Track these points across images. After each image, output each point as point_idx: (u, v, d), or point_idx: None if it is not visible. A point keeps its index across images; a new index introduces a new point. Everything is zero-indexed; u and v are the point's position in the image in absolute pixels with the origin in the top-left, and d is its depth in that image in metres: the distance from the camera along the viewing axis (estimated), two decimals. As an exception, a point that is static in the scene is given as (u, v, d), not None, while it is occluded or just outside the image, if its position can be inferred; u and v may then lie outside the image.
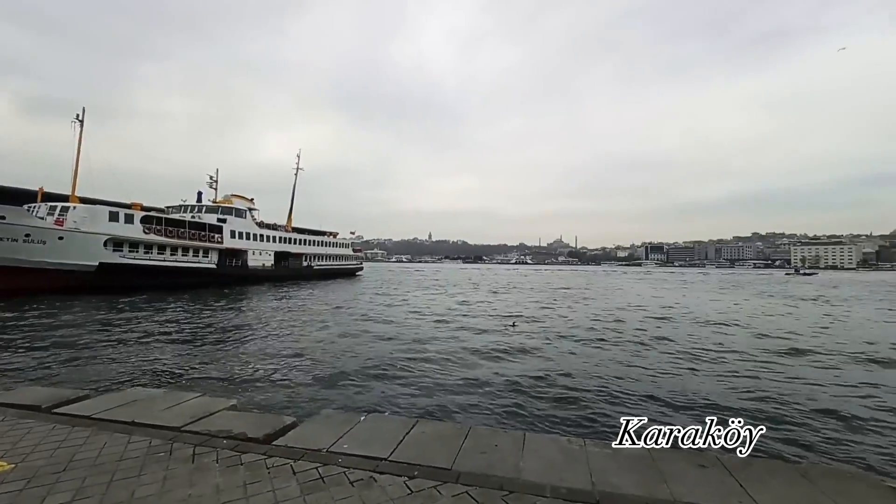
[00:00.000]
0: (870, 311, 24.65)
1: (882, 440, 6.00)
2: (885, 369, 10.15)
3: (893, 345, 13.32)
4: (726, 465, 3.40)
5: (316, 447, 3.61)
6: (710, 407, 7.14)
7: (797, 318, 20.76)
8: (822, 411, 7.09)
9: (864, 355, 11.68)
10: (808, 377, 9.25)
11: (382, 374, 8.93)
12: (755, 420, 6.60)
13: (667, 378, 8.99)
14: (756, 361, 10.71)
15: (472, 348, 11.86)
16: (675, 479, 3.17)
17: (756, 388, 8.30)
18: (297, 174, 55.50)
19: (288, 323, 16.11)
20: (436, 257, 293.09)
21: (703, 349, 12.21)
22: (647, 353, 11.59)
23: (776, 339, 14.06)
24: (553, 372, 9.28)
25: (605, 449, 3.71)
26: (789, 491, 3.05)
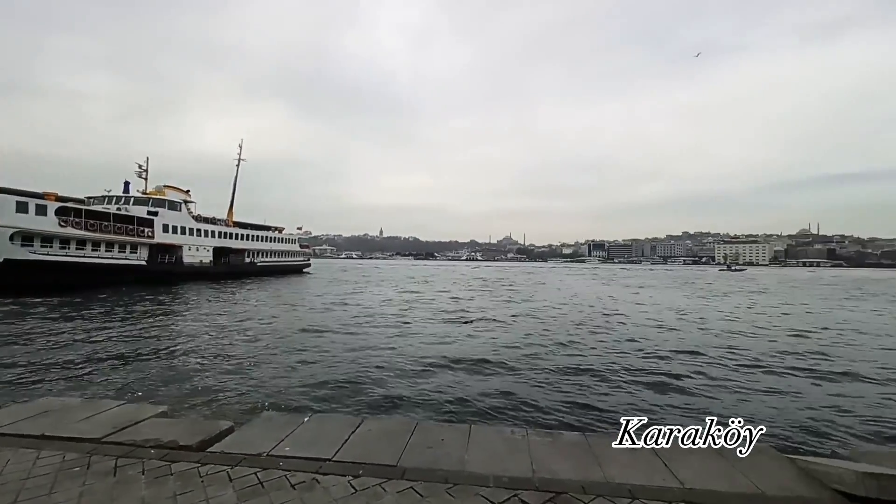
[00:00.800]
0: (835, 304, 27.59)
1: (786, 417, 6.74)
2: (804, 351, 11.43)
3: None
4: (653, 447, 3.67)
5: (255, 451, 3.46)
6: (637, 385, 7.68)
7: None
8: (741, 394, 7.85)
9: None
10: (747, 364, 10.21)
11: (329, 372, 8.71)
12: (669, 400, 7.19)
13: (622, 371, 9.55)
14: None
15: (424, 344, 11.89)
16: (608, 463, 3.38)
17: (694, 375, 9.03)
18: (240, 165, 52.63)
19: (225, 323, 15.24)
20: (387, 254, 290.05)
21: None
22: (620, 356, 12.21)
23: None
24: (507, 366, 9.54)
25: (546, 438, 3.87)
26: (707, 467, 3.35)
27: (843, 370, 9.60)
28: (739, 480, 3.13)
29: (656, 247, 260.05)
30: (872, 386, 8.50)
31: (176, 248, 37.34)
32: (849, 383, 8.66)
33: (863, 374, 9.28)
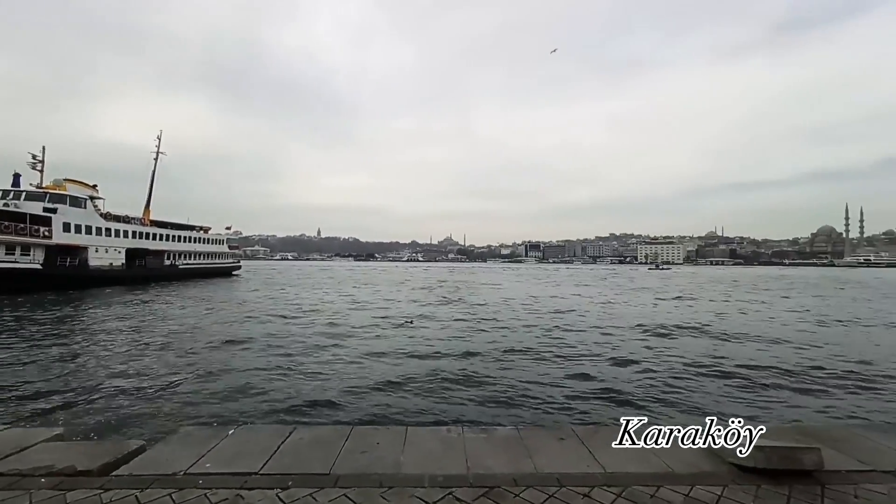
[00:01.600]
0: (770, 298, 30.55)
1: (692, 398, 7.47)
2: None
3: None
4: (580, 436, 3.89)
5: (169, 471, 3.17)
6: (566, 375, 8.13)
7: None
8: (664, 381, 8.57)
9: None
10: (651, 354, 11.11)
11: (257, 382, 8.22)
12: (601, 388, 7.70)
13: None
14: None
15: (361, 348, 11.63)
16: (539, 454, 3.52)
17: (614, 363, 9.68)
18: (158, 159, 47.99)
19: (137, 334, 13.85)
20: (325, 255, 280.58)
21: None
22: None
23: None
24: (448, 365, 9.60)
25: (480, 434, 3.95)
26: (626, 451, 3.60)
27: (744, 360, 10.85)
28: (653, 461, 3.41)
29: (586, 247, 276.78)
30: (767, 370, 9.69)
31: (80, 249, 33.21)
32: (747, 370, 9.80)
33: (760, 363, 10.55)
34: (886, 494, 2.89)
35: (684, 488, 3.00)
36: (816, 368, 9.61)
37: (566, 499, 2.88)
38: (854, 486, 2.96)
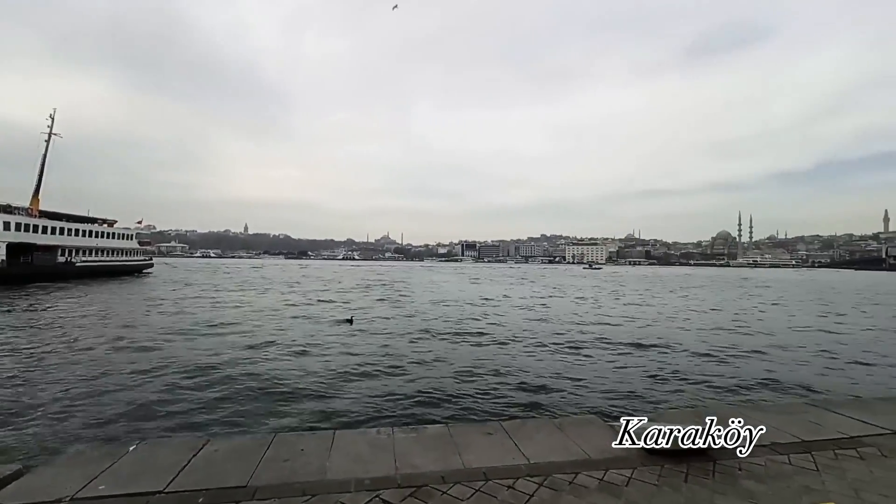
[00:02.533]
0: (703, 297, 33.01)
1: (604, 390, 8.06)
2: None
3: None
4: (506, 430, 4.02)
5: (52, 497, 2.77)
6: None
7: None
8: (577, 374, 9.12)
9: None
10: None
11: (167, 391, 7.49)
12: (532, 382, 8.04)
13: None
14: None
15: (289, 350, 11.08)
16: (467, 450, 3.58)
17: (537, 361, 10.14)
18: (50, 141, 41.85)
19: (18, 339, 12.04)
20: (253, 252, 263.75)
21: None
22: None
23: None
24: (385, 364, 9.43)
25: (411, 434, 3.93)
26: (548, 441, 3.79)
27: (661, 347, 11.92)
28: (573, 449, 3.61)
29: (519, 247, 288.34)
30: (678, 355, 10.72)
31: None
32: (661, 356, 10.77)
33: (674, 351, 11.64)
34: (764, 466, 3.31)
35: (599, 473, 3.22)
36: (716, 353, 10.84)
37: (492, 492, 2.96)
38: (737, 460, 3.37)
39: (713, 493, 2.94)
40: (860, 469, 3.27)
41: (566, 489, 3.00)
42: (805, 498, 2.87)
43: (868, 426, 4.04)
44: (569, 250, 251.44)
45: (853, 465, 3.31)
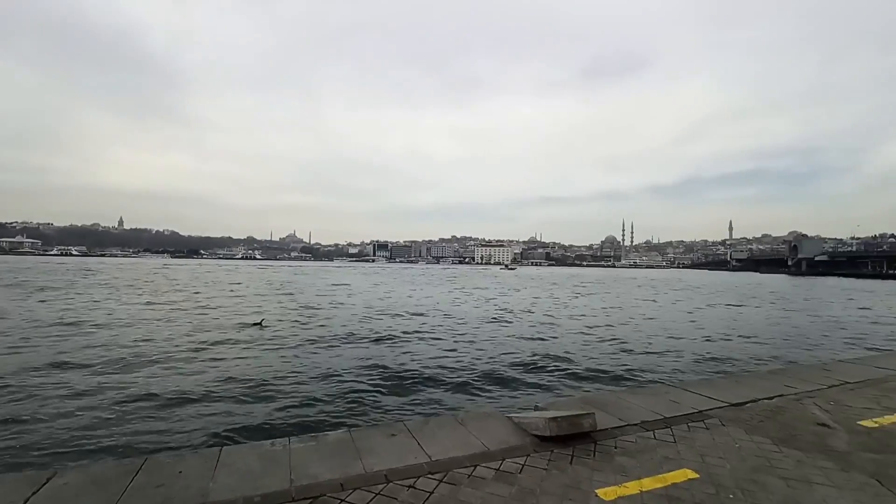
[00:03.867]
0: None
1: (506, 384, 8.54)
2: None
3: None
4: (410, 430, 4.02)
5: None
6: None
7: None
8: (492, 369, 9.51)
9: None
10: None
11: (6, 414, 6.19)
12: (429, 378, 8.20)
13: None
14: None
15: (165, 363, 9.85)
16: (369, 453, 3.50)
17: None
18: None
19: None
20: (130, 250, 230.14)
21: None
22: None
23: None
24: (283, 372, 8.81)
25: (309, 442, 3.73)
26: (451, 437, 3.87)
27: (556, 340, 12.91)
28: (473, 443, 3.73)
29: (431, 248, 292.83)
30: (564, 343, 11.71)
31: None
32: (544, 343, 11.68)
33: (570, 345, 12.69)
34: (634, 442, 3.76)
35: (496, 463, 3.37)
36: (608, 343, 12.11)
37: (392, 494, 2.93)
38: (614, 440, 3.78)
39: (593, 470, 3.26)
40: (706, 437, 3.87)
41: (465, 482, 3.09)
42: (665, 466, 3.31)
43: (713, 401, 4.81)
44: (477, 251, 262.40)
45: (701, 435, 3.92)
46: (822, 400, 5.00)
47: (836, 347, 13.34)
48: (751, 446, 3.70)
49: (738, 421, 4.27)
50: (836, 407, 4.77)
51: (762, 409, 4.67)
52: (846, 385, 5.66)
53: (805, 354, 11.93)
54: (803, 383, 5.64)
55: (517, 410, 5.28)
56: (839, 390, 5.44)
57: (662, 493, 2.96)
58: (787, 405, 4.80)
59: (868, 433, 4.06)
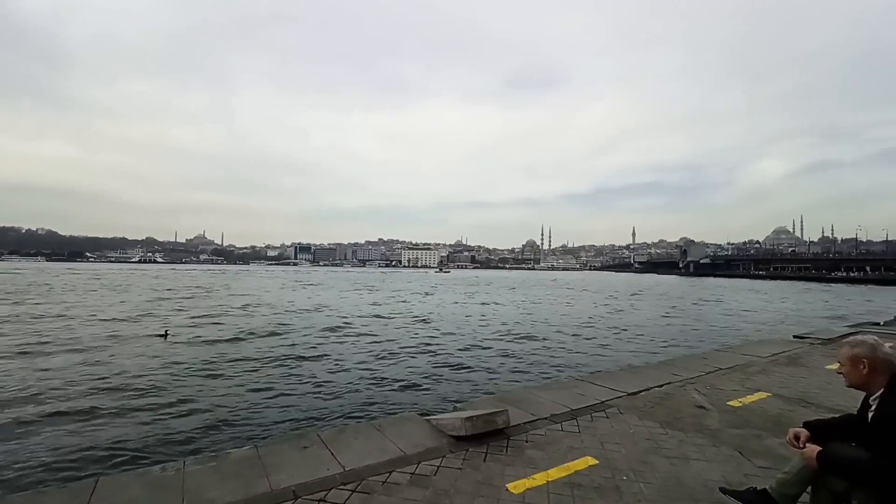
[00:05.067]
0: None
1: (427, 387, 8.60)
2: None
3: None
4: (324, 440, 3.85)
5: None
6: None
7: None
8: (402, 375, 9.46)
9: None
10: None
11: None
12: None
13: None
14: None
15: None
16: (277, 469, 3.29)
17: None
18: None
19: None
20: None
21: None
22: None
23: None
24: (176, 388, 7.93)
25: (209, 464, 3.41)
26: (367, 445, 3.77)
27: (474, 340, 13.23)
28: (389, 448, 3.68)
29: (357, 251, 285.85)
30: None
31: None
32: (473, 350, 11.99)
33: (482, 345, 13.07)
34: (543, 435, 3.97)
35: (412, 468, 3.35)
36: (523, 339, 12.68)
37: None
38: (526, 434, 3.96)
39: (505, 466, 3.38)
40: (606, 426, 4.21)
41: (379, 490, 3.03)
42: (569, 455, 3.54)
43: (613, 391, 5.26)
44: (404, 254, 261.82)
45: (602, 424, 4.25)
46: (701, 385, 5.71)
47: (712, 336, 15.37)
48: (643, 431, 4.10)
49: (633, 409, 4.71)
50: (711, 390, 5.48)
51: (653, 396, 5.21)
52: (720, 371, 6.53)
53: (695, 341, 13.61)
54: (687, 371, 6.40)
55: (437, 412, 5.31)
56: (714, 376, 6.26)
57: (566, 481, 3.16)
58: (673, 391, 5.41)
59: (734, 412, 4.71)
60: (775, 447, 3.70)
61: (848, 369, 2.31)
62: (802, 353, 7.92)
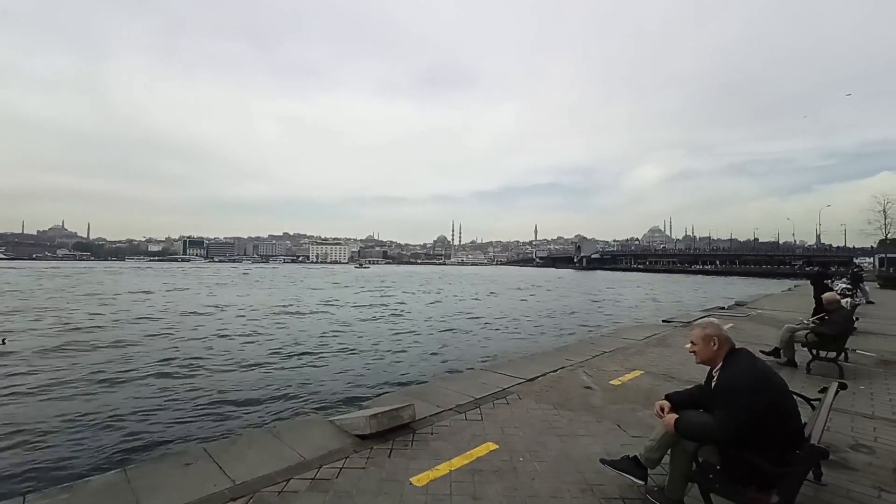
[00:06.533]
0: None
1: (330, 386, 8.31)
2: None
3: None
4: (211, 454, 3.49)
5: None
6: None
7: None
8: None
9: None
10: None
11: None
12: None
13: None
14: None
15: None
16: (152, 493, 2.91)
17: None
18: None
19: None
20: None
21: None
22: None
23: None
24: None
25: (60, 496, 2.89)
26: (262, 454, 3.50)
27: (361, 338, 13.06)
28: (288, 455, 3.46)
29: (258, 245, 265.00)
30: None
31: None
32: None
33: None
34: (448, 426, 4.05)
35: (312, 472, 3.19)
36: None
37: (179, 535, 2.48)
38: (431, 426, 4.02)
39: (410, 460, 3.38)
40: (506, 412, 4.44)
41: (274, 500, 2.83)
42: (472, 443, 3.66)
43: (514, 379, 5.58)
44: (312, 249, 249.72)
45: (502, 410, 4.48)
46: (589, 367, 6.33)
47: (599, 322, 17.19)
48: (539, 413, 4.40)
49: (531, 393, 5.04)
50: (597, 372, 6.09)
51: (549, 380, 5.64)
52: (604, 354, 7.30)
53: (585, 327, 15.04)
54: (577, 356, 7.04)
55: (342, 413, 5.14)
56: (600, 359, 6.98)
57: (468, 468, 3.26)
58: (565, 375, 5.91)
59: (615, 390, 5.29)
60: (646, 418, 4.23)
61: (700, 347, 2.70)
62: (669, 335, 9.19)
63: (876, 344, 8.34)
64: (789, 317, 10.48)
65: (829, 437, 3.56)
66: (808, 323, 6.97)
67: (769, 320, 11.38)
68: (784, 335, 6.67)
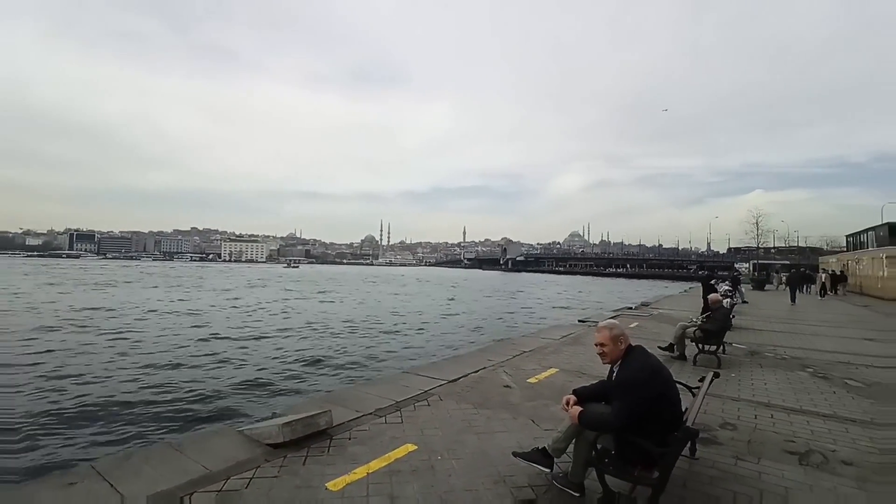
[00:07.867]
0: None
1: (246, 392, 7.85)
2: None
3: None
4: (101, 471, 3.16)
5: None
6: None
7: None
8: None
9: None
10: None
11: None
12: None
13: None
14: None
15: None
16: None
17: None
18: None
19: None
20: None
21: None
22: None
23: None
24: None
25: None
26: (161, 468, 3.23)
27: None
28: (191, 468, 3.22)
29: (161, 241, 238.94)
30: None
31: None
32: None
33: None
34: (367, 430, 4.03)
35: (219, 485, 3.00)
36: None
37: (53, 567, 2.20)
38: (349, 431, 3.96)
39: (326, 466, 3.31)
40: (427, 413, 4.52)
41: (174, 519, 2.62)
42: (391, 446, 3.68)
43: (436, 380, 5.68)
44: (225, 247, 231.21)
45: (423, 412, 4.55)
46: (509, 367, 6.63)
47: (520, 322, 18.10)
48: (459, 413, 4.54)
49: (452, 394, 5.17)
50: (516, 371, 6.40)
51: (470, 380, 5.82)
52: (524, 353, 7.69)
53: (508, 327, 15.70)
54: (498, 356, 7.35)
55: (252, 422, 4.86)
56: (520, 358, 7.34)
57: (386, 470, 3.28)
58: (486, 375, 6.14)
59: (531, 387, 5.61)
60: (558, 413, 4.51)
61: (611, 348, 2.90)
62: (583, 334, 9.92)
63: (747, 337, 9.80)
64: (684, 315, 11.84)
65: (703, 419, 4.13)
66: (696, 321, 7.98)
67: (668, 319, 12.78)
68: (677, 332, 7.56)
